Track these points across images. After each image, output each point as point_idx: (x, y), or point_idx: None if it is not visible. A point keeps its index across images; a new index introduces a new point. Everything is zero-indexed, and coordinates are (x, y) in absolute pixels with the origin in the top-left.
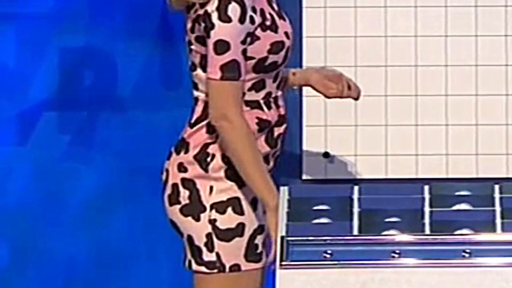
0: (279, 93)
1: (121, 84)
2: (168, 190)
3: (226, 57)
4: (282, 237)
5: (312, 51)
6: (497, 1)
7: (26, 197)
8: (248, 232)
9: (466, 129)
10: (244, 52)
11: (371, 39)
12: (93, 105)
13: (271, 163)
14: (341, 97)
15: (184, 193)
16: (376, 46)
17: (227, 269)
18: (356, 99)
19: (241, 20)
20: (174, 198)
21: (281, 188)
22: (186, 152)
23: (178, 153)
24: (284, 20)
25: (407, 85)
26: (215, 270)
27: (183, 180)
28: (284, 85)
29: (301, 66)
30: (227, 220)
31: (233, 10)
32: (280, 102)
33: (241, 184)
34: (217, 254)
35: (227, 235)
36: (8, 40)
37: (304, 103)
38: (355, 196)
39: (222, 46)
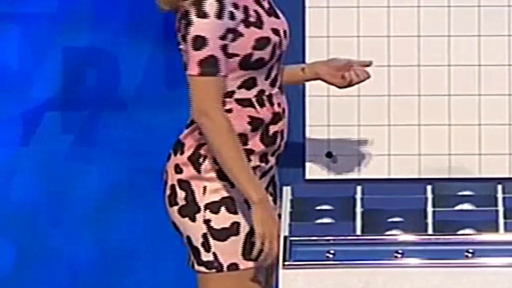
0: (274, 90)
1: (124, 83)
2: (168, 191)
3: (204, 53)
4: (285, 237)
5: (315, 51)
6: (501, 1)
7: (29, 197)
8: (244, 231)
9: (469, 129)
10: (224, 48)
11: (374, 39)
12: (96, 105)
13: (271, 162)
14: (351, 85)
15: (180, 194)
16: (378, 46)
17: (225, 269)
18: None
19: (219, 16)
20: (173, 199)
21: (284, 188)
22: (182, 153)
23: (175, 154)
24: (277, 18)
25: (410, 85)
26: (214, 270)
27: (180, 181)
28: (293, 81)
29: None
30: (221, 220)
31: (210, 5)
32: (275, 100)
33: (233, 183)
34: (214, 254)
35: (222, 234)
36: (11, 40)
37: (307, 103)
38: (358, 196)
39: (199, 42)
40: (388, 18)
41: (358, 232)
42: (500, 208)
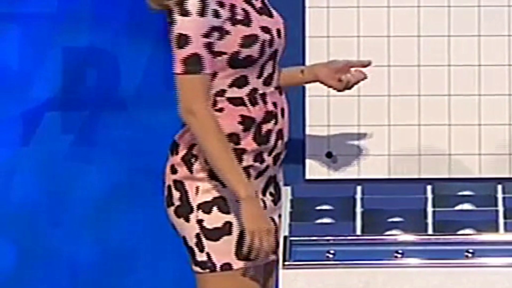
0: (269, 90)
1: (124, 84)
2: (165, 192)
3: (187, 51)
4: (285, 237)
5: (315, 51)
6: (501, 1)
7: (29, 197)
8: (236, 231)
9: (469, 129)
10: (209, 46)
11: (374, 39)
12: (96, 105)
13: (267, 161)
14: (348, 88)
15: (176, 195)
16: (378, 46)
17: (218, 269)
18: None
19: (201, 13)
20: (169, 200)
21: (284, 188)
22: (177, 153)
23: (172, 154)
24: (271, 16)
25: (410, 85)
26: (207, 270)
27: (175, 181)
28: (292, 83)
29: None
30: (214, 220)
31: (192, 4)
32: (270, 99)
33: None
34: (208, 254)
35: (214, 234)
36: (11, 40)
37: (307, 103)
38: (358, 196)
39: (182, 40)
40: (388, 18)
41: (358, 232)
42: (500, 208)
